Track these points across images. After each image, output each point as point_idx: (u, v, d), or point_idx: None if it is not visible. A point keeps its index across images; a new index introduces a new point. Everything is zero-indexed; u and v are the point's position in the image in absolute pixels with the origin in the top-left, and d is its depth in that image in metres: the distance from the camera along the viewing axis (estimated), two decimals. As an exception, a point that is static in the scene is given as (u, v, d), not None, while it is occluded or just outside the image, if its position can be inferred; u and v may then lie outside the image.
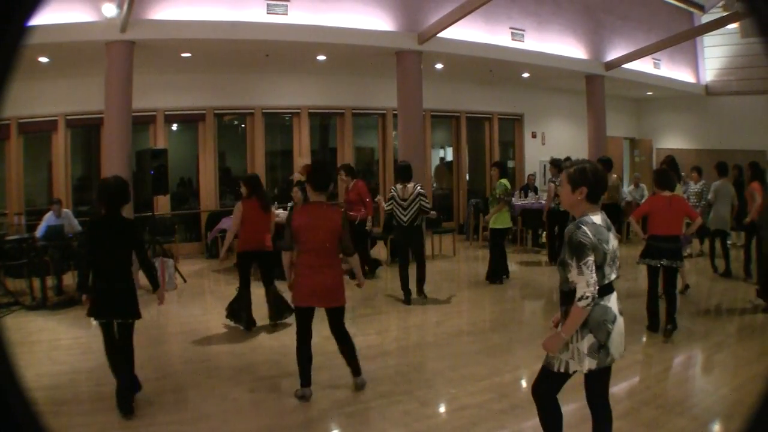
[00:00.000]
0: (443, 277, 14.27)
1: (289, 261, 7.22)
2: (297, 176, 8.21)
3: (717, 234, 14.23)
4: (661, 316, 10.01)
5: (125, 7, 11.90)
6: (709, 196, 14.04)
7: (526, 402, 6.92)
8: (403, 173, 12.03)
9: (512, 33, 17.69)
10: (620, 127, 26.23)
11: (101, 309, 6.79)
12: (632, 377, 8.57)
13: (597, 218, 4.81)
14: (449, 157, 23.14)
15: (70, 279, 12.77)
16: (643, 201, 15.03)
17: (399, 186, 11.90)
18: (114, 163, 12.84)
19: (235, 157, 18.07)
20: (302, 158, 16.83)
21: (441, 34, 15.50)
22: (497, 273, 13.64)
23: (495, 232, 13.62)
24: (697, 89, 25.73)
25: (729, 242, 14.77)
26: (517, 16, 17.87)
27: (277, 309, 10.26)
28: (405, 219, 11.68)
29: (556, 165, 15.01)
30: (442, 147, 23.80)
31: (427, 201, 11.90)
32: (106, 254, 6.79)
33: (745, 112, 24.57)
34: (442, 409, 7.35)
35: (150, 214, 13.95)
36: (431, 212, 12.18)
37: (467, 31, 16.21)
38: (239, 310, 10.18)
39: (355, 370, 7.57)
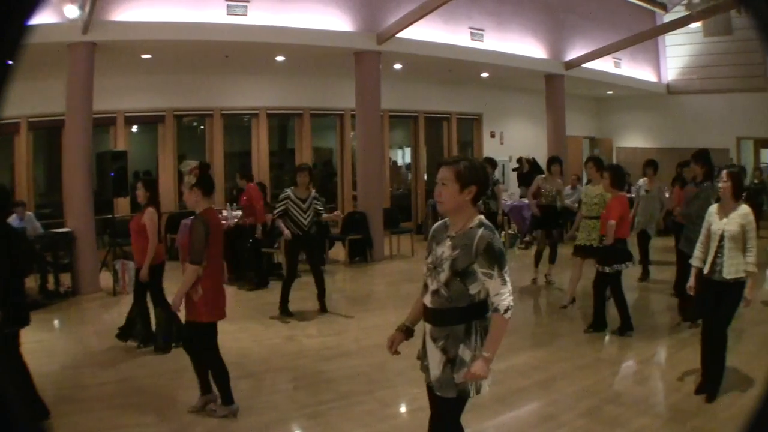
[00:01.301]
0: (402, 278, 14.64)
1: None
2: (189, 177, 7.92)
3: (640, 237, 14.33)
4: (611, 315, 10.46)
5: (87, 8, 12.02)
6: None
7: (487, 401, 7.20)
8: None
9: (472, 33, 18.15)
10: (580, 126, 26.90)
11: None
12: (594, 375, 8.81)
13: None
14: (407, 158, 23.22)
15: (33, 282, 12.82)
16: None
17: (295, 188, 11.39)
18: (75, 165, 13.07)
19: (194, 159, 18.16)
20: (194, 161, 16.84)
21: (400, 35, 15.97)
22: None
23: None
24: (658, 88, 26.60)
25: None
26: (477, 16, 18.31)
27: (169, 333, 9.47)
28: (305, 222, 11.22)
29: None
30: (401, 147, 24.04)
31: (321, 205, 11.56)
32: None
33: (707, 111, 25.32)
34: (403, 409, 7.54)
35: (110, 216, 14.11)
36: (325, 216, 11.87)
37: (426, 31, 16.68)
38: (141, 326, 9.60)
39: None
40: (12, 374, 5.81)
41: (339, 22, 15.60)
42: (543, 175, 14.15)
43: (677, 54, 26.40)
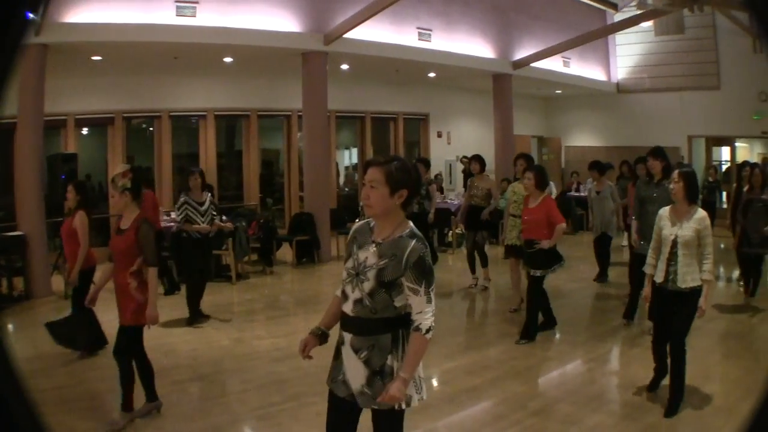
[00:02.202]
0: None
1: None
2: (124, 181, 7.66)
3: (598, 241, 14.47)
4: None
5: (41, 10, 12.01)
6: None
7: (438, 401, 7.40)
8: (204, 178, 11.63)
9: (419, 33, 18.54)
10: (528, 125, 27.65)
11: None
12: (545, 374, 9.10)
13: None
14: (354, 159, 23.47)
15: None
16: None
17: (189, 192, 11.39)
18: (26, 168, 13.07)
19: (143, 161, 18.26)
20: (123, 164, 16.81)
21: (347, 35, 16.32)
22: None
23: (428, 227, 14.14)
24: (608, 87, 27.39)
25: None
26: (425, 16, 18.68)
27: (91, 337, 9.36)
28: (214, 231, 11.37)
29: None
30: (347, 148, 24.29)
31: (216, 210, 11.56)
32: None
33: (658, 109, 26.08)
34: (352, 410, 7.60)
35: (61, 219, 14.14)
36: (217, 223, 11.67)
37: (374, 32, 17.10)
38: (75, 333, 9.32)
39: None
40: None
41: (287, 23, 16.00)
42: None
43: (628, 53, 27.14)
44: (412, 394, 4.18)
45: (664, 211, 7.38)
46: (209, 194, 11.55)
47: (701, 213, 7.10)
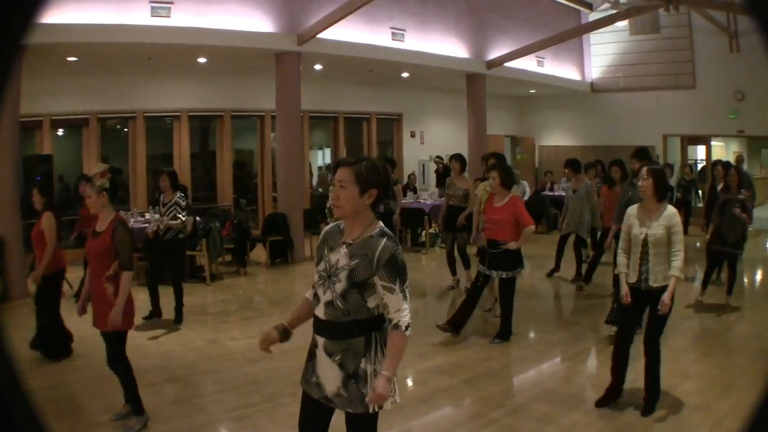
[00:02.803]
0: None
1: None
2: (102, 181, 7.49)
3: (565, 238, 14.56)
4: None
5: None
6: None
7: (412, 401, 7.46)
8: (172, 179, 11.80)
9: (393, 33, 18.72)
10: (502, 125, 27.93)
11: None
12: (521, 374, 9.32)
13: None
14: (328, 159, 23.55)
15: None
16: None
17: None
18: (2, 169, 13.04)
19: (118, 162, 18.26)
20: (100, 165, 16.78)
21: (321, 35, 16.48)
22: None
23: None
24: (582, 86, 27.73)
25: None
26: (399, 16, 18.85)
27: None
28: (161, 226, 11.38)
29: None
30: (321, 148, 24.38)
31: (181, 211, 11.39)
32: None
33: (633, 109, 26.35)
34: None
35: (36, 220, 14.12)
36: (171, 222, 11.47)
37: (347, 32, 17.26)
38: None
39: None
40: None
41: (260, 23, 16.15)
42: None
43: (602, 52, 27.46)
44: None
45: (633, 209, 7.38)
46: (179, 194, 11.59)
47: (671, 210, 7.14)
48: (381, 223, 4.27)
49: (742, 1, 17.06)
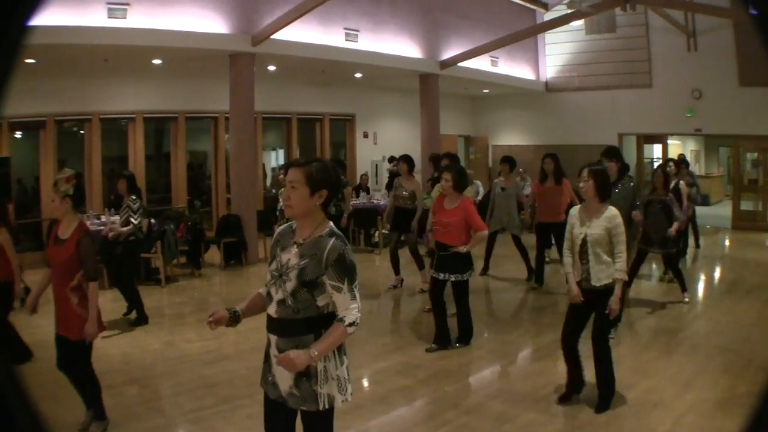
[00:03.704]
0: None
1: None
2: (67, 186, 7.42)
3: (493, 236, 14.65)
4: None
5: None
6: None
7: (369, 401, 7.60)
8: (130, 182, 12.03)
9: (346, 33, 18.99)
10: (455, 125, 28.41)
11: None
12: (476, 373, 9.39)
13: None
14: (281, 160, 23.65)
15: None
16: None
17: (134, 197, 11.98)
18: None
19: (75, 165, 18.21)
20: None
21: (275, 36, 16.68)
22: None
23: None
24: (536, 86, 28.19)
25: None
26: (353, 17, 19.09)
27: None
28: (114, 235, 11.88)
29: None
30: (274, 149, 24.52)
31: (134, 215, 11.61)
32: None
33: (588, 108, 26.88)
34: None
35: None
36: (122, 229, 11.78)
37: (301, 33, 17.51)
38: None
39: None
40: None
41: (215, 24, 16.34)
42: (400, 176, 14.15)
43: (557, 52, 27.95)
44: (335, 395, 4.33)
45: (575, 210, 7.56)
46: (132, 197, 11.74)
47: (612, 211, 7.25)
48: (331, 224, 4.40)
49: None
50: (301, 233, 4.36)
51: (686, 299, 12.76)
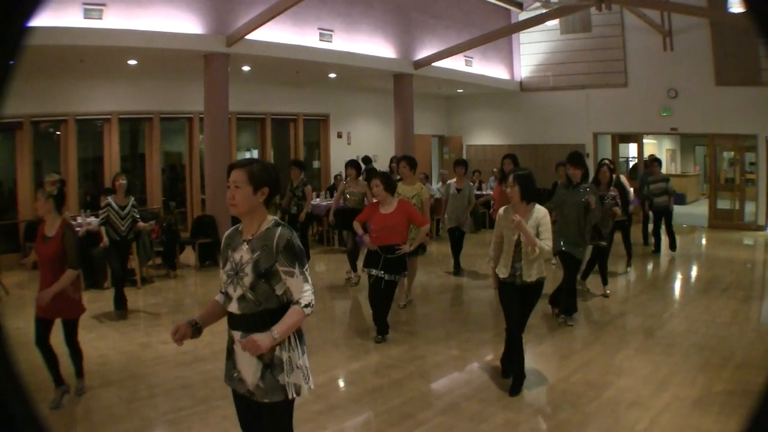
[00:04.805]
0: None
1: None
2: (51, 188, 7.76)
3: (452, 233, 15.78)
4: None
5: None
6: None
7: (344, 402, 7.72)
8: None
9: (320, 33, 19.23)
10: (429, 124, 28.81)
11: None
12: (451, 372, 9.48)
13: None
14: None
15: None
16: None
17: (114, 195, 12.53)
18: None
19: (50, 166, 18.22)
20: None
21: (249, 36, 16.93)
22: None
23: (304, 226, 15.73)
24: (511, 86, 28.53)
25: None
26: (327, 17, 19.31)
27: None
28: (123, 229, 12.26)
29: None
30: (248, 149, 24.59)
31: (138, 213, 12.63)
32: None
33: (562, 107, 27.28)
34: (260, 411, 7.88)
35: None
36: (141, 225, 12.64)
37: (275, 33, 17.85)
38: None
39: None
40: None
41: (190, 25, 16.60)
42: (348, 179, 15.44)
43: (532, 51, 28.30)
44: (301, 384, 4.59)
45: (503, 211, 8.08)
46: (132, 198, 12.45)
47: (540, 211, 7.85)
48: (275, 217, 4.71)
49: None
50: (249, 230, 4.63)
51: (606, 292, 13.27)
